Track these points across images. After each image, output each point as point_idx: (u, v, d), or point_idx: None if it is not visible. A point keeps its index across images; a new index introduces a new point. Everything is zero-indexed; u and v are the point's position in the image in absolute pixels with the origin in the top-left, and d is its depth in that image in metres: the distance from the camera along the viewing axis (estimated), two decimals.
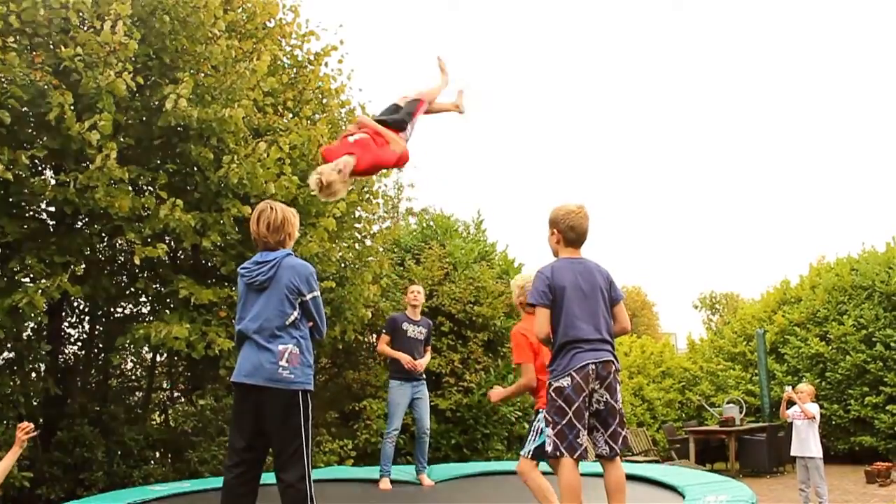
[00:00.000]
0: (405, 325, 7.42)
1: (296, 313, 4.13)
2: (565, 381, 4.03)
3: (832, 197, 59.26)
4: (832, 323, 14.71)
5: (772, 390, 14.84)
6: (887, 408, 13.65)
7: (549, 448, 4.10)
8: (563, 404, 4.01)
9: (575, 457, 4.00)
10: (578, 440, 4.01)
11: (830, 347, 14.59)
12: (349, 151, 4.90)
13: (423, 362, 7.41)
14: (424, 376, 7.53)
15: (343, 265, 9.02)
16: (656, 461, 11.52)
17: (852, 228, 49.93)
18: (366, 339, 11.31)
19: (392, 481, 7.18)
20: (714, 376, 16.88)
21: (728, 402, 14.77)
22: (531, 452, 4.91)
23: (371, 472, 7.66)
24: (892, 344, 13.77)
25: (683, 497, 5.44)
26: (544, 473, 4.83)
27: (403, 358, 7.25)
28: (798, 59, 55.21)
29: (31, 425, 5.23)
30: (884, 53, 53.25)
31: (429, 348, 7.62)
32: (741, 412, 14.25)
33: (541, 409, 4.90)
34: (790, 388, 9.26)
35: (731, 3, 53.52)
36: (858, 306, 14.48)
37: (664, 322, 40.33)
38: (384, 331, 7.62)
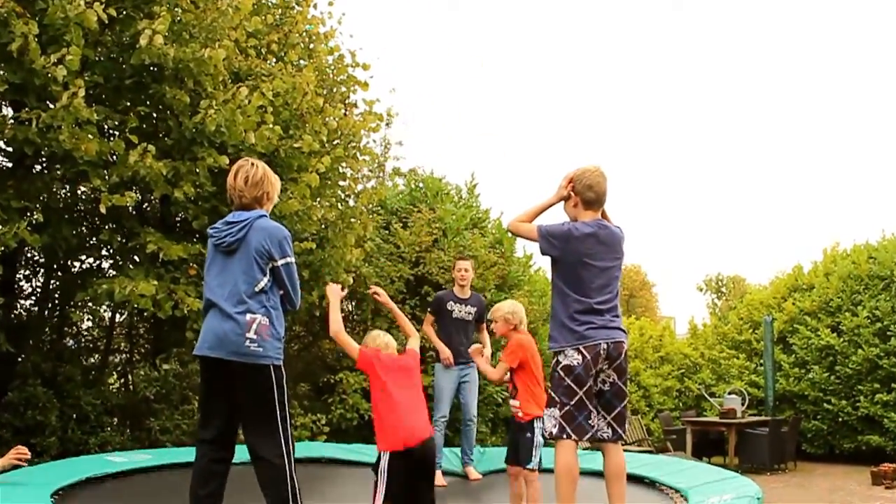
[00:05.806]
0: (451, 305, 7.23)
1: (266, 279, 4.01)
2: (575, 360, 4.02)
3: (849, 180, 59.57)
4: (845, 314, 14.78)
5: (777, 382, 14.94)
6: None
7: (553, 430, 4.07)
8: (573, 384, 4.02)
9: (585, 438, 4.03)
10: (589, 422, 4.05)
11: (842, 339, 14.66)
12: None
13: (487, 353, 6.69)
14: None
15: (324, 225, 8.94)
16: (650, 451, 11.58)
17: (870, 214, 50.26)
18: (345, 307, 11.26)
19: (443, 473, 6.95)
20: (716, 364, 16.97)
21: (729, 393, 14.85)
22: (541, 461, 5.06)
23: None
24: None
25: (687, 500, 5.26)
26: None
27: (443, 353, 7.11)
28: (818, 37, 55.11)
29: (28, 453, 5.33)
30: None
31: (483, 327, 7.31)
32: (743, 404, 14.33)
33: (535, 420, 5.00)
34: None
35: None
36: (874, 297, 14.55)
37: (663, 305, 40.61)
38: (429, 309, 7.47)
